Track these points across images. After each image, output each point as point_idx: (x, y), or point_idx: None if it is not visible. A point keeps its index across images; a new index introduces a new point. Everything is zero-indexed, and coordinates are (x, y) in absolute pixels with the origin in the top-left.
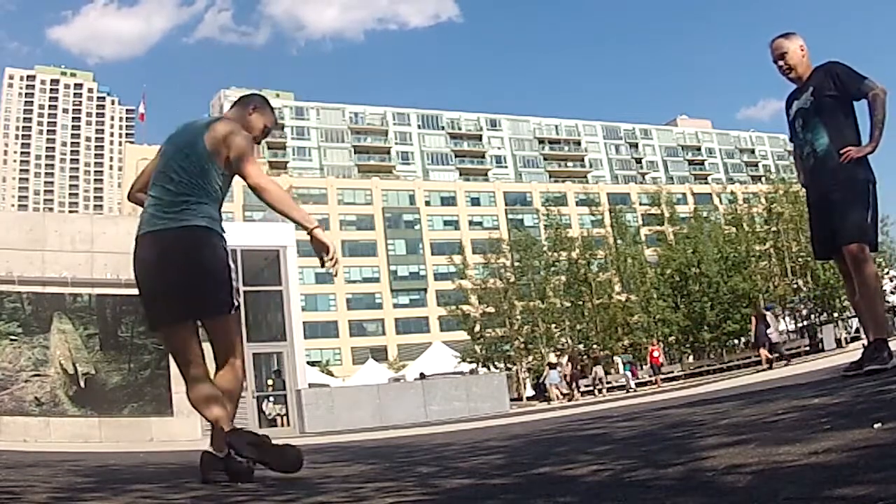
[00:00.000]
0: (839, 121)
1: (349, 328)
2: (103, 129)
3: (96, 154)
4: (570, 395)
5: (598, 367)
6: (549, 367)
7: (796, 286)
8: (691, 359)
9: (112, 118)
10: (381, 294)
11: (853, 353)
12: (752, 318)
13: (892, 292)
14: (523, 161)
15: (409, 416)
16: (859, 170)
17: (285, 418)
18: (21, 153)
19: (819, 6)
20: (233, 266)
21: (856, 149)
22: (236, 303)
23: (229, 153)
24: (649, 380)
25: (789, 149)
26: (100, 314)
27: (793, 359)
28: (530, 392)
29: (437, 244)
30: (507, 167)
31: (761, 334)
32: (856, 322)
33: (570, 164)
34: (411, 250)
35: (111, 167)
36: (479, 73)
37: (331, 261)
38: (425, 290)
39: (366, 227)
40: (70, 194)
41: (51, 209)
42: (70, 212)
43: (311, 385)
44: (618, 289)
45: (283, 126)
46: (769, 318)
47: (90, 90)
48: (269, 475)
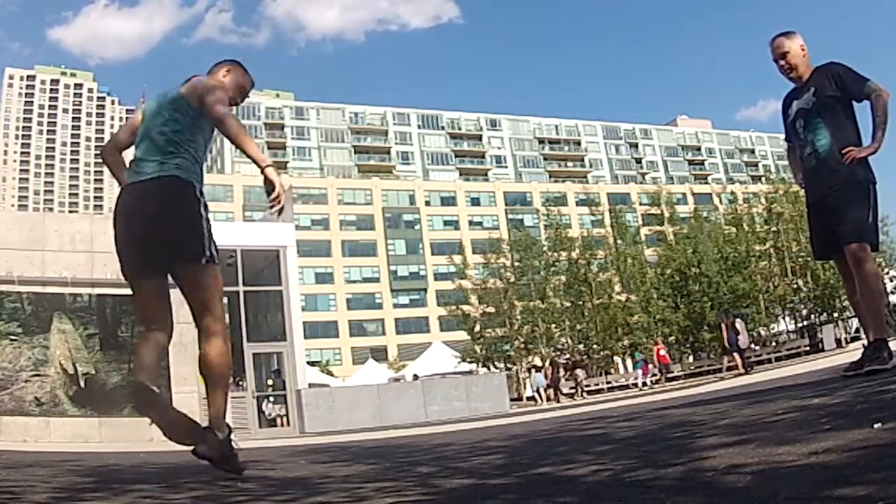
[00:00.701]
0: (840, 121)
1: (349, 328)
2: (103, 130)
3: (96, 154)
4: (554, 397)
5: (579, 371)
6: (535, 370)
7: (796, 286)
8: (691, 359)
9: (112, 118)
10: (381, 294)
11: (853, 353)
12: (723, 324)
13: (892, 292)
14: (523, 161)
15: (409, 417)
16: (860, 170)
17: (285, 418)
18: (21, 153)
19: (819, 6)
20: (208, 218)
21: (858, 149)
22: (209, 254)
23: (201, 96)
24: (655, 378)
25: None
26: (100, 314)
27: (792, 359)
28: (530, 392)
29: (437, 244)
30: (507, 167)
31: (732, 340)
32: (856, 322)
33: (570, 164)
34: (411, 250)
35: None
36: (479, 73)
37: (276, 200)
38: (425, 290)
39: (366, 227)
40: (70, 194)
41: (51, 209)
42: (70, 212)
43: (311, 385)
44: (618, 289)
45: (283, 126)
46: (738, 325)
47: (90, 90)
48: (270, 475)
